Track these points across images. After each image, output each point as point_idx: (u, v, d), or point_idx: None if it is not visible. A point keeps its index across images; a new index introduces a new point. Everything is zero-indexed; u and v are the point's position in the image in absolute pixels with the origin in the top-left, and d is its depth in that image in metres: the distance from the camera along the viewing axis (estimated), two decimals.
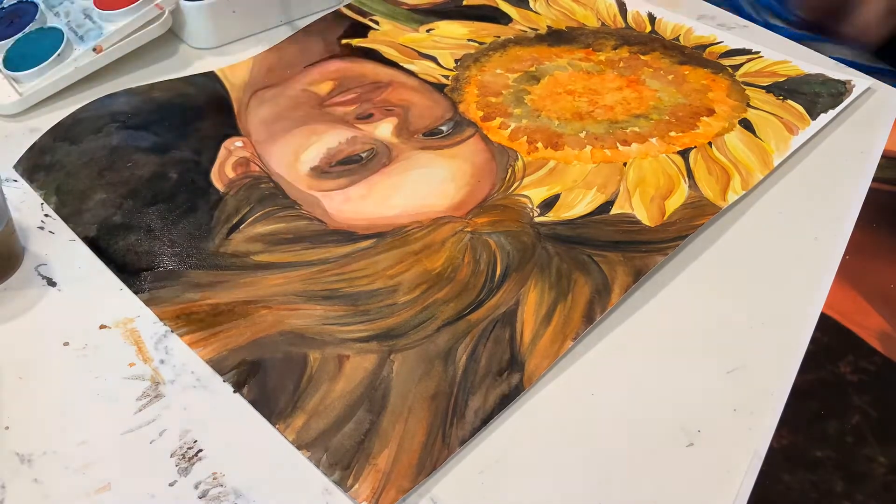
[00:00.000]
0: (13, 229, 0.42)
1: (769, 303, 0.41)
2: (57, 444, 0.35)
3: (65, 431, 0.35)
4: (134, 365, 0.38)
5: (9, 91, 0.53)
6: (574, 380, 0.38)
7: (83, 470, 0.34)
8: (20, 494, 0.33)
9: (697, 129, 0.51)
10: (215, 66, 0.57)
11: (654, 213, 0.45)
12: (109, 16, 0.55)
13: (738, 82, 0.55)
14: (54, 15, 0.57)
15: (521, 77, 0.56)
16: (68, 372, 0.38)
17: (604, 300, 0.40)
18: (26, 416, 0.36)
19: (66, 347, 0.39)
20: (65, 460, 0.34)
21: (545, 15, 0.63)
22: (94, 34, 0.54)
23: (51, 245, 0.44)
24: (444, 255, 0.43)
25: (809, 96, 0.54)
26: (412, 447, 0.34)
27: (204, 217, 0.45)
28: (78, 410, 0.36)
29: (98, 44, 0.54)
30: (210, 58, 0.59)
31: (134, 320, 0.40)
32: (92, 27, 0.54)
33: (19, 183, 0.48)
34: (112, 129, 0.51)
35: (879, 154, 0.50)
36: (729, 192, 0.46)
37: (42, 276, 0.42)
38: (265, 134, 0.51)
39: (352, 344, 0.38)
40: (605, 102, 0.53)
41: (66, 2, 0.57)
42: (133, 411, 0.36)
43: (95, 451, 0.35)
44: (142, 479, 0.34)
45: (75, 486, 0.33)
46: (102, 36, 0.54)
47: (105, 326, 0.40)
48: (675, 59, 0.57)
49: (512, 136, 0.51)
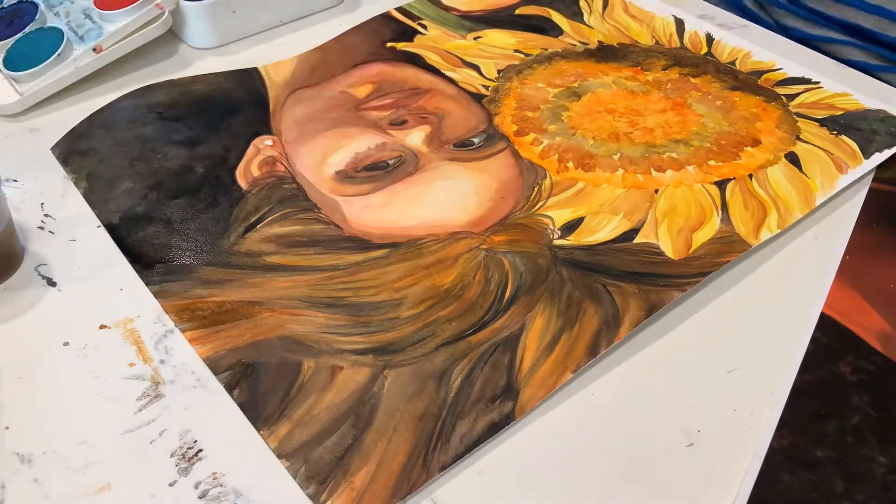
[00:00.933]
0: (13, 229, 0.43)
1: (769, 302, 0.41)
2: (57, 444, 0.35)
3: (65, 431, 0.36)
4: (134, 365, 0.38)
5: (9, 91, 0.54)
6: (574, 380, 0.37)
7: (83, 470, 0.34)
8: (20, 494, 0.33)
9: (739, 160, 0.49)
10: (215, 66, 0.57)
11: (679, 245, 0.43)
12: (109, 16, 0.55)
13: (790, 113, 0.52)
14: (54, 15, 0.58)
15: (563, 92, 0.54)
16: (68, 372, 0.38)
17: (611, 333, 0.39)
18: (26, 416, 0.36)
19: (66, 347, 0.39)
20: (65, 460, 0.35)
21: (598, 29, 0.61)
22: (94, 34, 0.55)
23: (51, 245, 0.45)
24: (456, 272, 0.42)
25: (866, 133, 0.50)
26: (391, 468, 0.34)
27: (223, 214, 0.45)
28: (78, 410, 0.37)
29: (98, 44, 0.54)
30: (210, 58, 0.59)
31: (134, 320, 0.40)
32: (92, 27, 0.55)
33: (19, 183, 0.49)
34: (148, 120, 0.51)
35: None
36: (763, 229, 0.44)
37: (42, 276, 0.43)
38: (296, 134, 0.51)
39: (347, 355, 0.38)
40: (646, 124, 0.51)
41: (67, 2, 0.58)
42: (133, 411, 0.36)
43: (95, 451, 0.35)
44: (142, 479, 0.34)
45: (75, 486, 0.34)
46: (102, 36, 0.55)
47: (105, 326, 0.40)
48: (727, 84, 0.55)
49: (543, 153, 0.49)
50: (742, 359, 0.38)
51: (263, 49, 0.60)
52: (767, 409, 0.36)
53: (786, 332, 0.40)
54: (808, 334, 0.39)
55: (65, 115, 0.53)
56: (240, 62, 0.58)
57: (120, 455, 0.35)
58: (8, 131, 0.53)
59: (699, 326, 0.40)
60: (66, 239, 0.45)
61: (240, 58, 0.59)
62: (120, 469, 0.34)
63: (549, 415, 0.36)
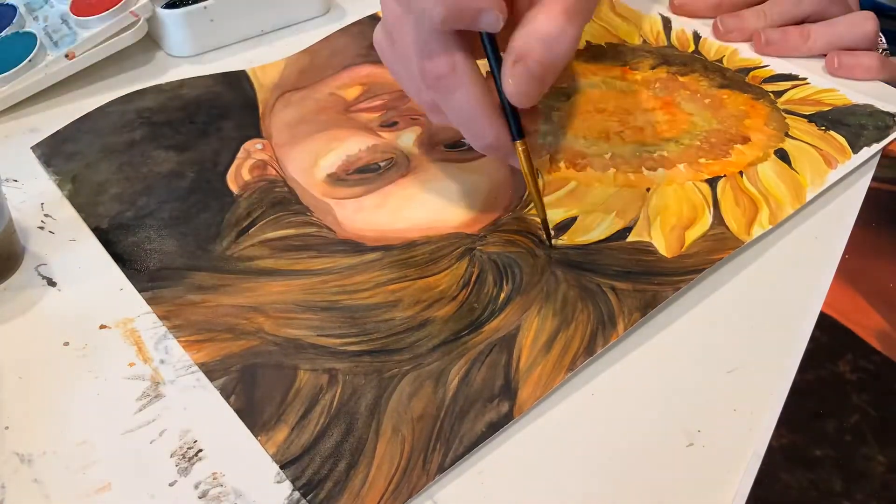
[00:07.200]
0: (13, 229, 0.43)
1: (769, 302, 0.41)
2: (57, 444, 0.35)
3: (65, 431, 0.35)
4: (134, 365, 0.38)
5: None
6: (574, 380, 0.37)
7: (83, 470, 0.34)
8: (20, 494, 0.33)
9: (729, 157, 0.49)
10: (193, 74, 0.57)
11: (672, 242, 0.43)
12: (84, 22, 0.55)
13: (778, 110, 0.53)
14: (33, 19, 0.57)
15: (552, 93, 0.54)
16: (68, 372, 0.38)
17: (608, 332, 0.39)
18: (26, 416, 0.36)
19: (66, 347, 0.39)
20: (65, 460, 0.34)
21: (586, 29, 0.61)
22: (68, 40, 0.54)
23: (51, 245, 0.44)
24: (450, 273, 0.42)
25: (854, 128, 0.51)
26: (390, 471, 0.33)
27: (215, 218, 0.45)
28: (78, 410, 0.36)
29: (70, 50, 0.54)
30: (187, 66, 0.58)
31: (134, 320, 0.40)
32: (67, 33, 0.54)
33: (19, 183, 0.48)
34: (136, 125, 0.51)
35: (879, 154, 0.49)
36: (755, 225, 0.44)
37: (42, 276, 0.43)
38: (287, 137, 0.51)
39: (343, 358, 0.38)
40: (636, 123, 0.51)
41: (46, 6, 0.57)
42: (133, 411, 0.36)
43: (95, 451, 0.35)
44: (142, 479, 0.34)
45: (75, 486, 0.33)
46: (76, 42, 0.54)
47: (105, 326, 0.40)
48: (715, 83, 0.55)
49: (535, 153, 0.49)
50: (742, 358, 0.38)
51: (244, 58, 0.59)
52: (767, 409, 0.36)
53: (785, 332, 0.39)
54: (807, 333, 0.39)
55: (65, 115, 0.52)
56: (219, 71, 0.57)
57: (120, 455, 0.34)
58: (8, 131, 0.53)
59: (699, 326, 0.40)
60: (66, 239, 0.45)
61: (218, 66, 0.58)
62: (120, 469, 0.34)
63: (549, 415, 0.36)
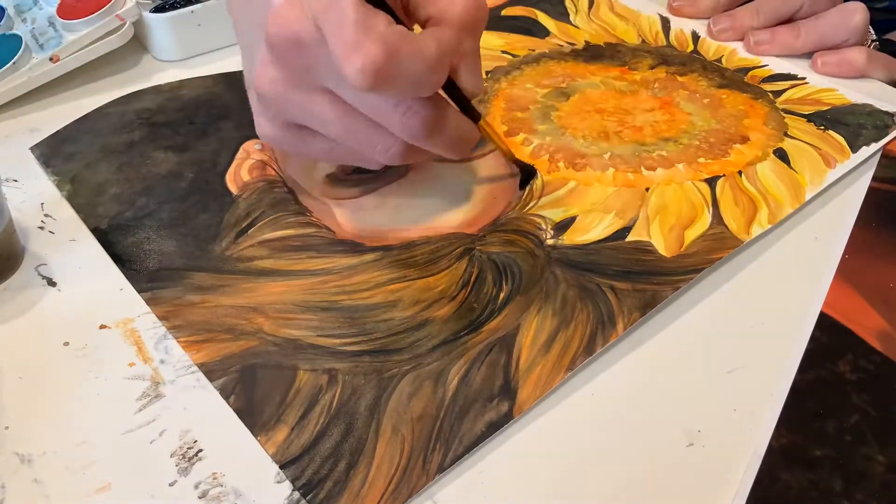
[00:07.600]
0: (13, 229, 0.43)
1: (769, 302, 0.41)
2: (57, 444, 0.35)
3: (65, 431, 0.35)
4: (134, 365, 0.38)
5: None
6: (574, 380, 0.37)
7: (83, 470, 0.34)
8: (20, 494, 0.33)
9: (728, 157, 0.49)
10: (180, 78, 0.56)
11: (671, 242, 0.43)
12: (70, 25, 0.55)
13: (777, 109, 0.53)
14: (22, 21, 0.57)
15: (551, 93, 0.54)
16: (68, 372, 0.38)
17: (607, 332, 0.39)
18: (26, 416, 0.36)
19: (66, 347, 0.39)
20: (65, 460, 0.34)
21: (584, 29, 0.61)
22: (53, 43, 0.54)
23: (51, 245, 0.44)
24: (450, 273, 0.42)
25: (853, 127, 0.51)
26: (390, 471, 0.33)
27: (214, 219, 0.45)
28: (78, 410, 0.36)
29: (54, 53, 0.54)
30: (173, 70, 0.58)
31: (134, 320, 0.40)
32: (53, 35, 0.54)
33: (19, 183, 0.48)
34: (135, 125, 0.51)
35: (879, 153, 0.49)
36: (754, 224, 0.44)
37: (42, 276, 0.43)
38: None
39: (343, 358, 0.38)
40: (635, 123, 0.51)
41: (35, 8, 0.57)
42: (133, 411, 0.36)
43: (95, 451, 0.35)
44: (142, 479, 0.34)
45: (75, 486, 0.33)
46: (61, 45, 0.54)
47: (105, 326, 0.40)
48: (714, 82, 0.55)
49: (534, 153, 0.49)
50: (742, 358, 0.38)
51: (232, 63, 0.59)
52: (767, 409, 0.36)
53: (785, 332, 0.39)
54: (807, 333, 0.39)
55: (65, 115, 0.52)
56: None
57: (120, 455, 0.34)
58: (8, 131, 0.53)
59: (699, 326, 0.40)
60: (66, 239, 0.45)
61: (205, 70, 0.58)
62: (120, 469, 0.34)
63: (549, 415, 0.36)
